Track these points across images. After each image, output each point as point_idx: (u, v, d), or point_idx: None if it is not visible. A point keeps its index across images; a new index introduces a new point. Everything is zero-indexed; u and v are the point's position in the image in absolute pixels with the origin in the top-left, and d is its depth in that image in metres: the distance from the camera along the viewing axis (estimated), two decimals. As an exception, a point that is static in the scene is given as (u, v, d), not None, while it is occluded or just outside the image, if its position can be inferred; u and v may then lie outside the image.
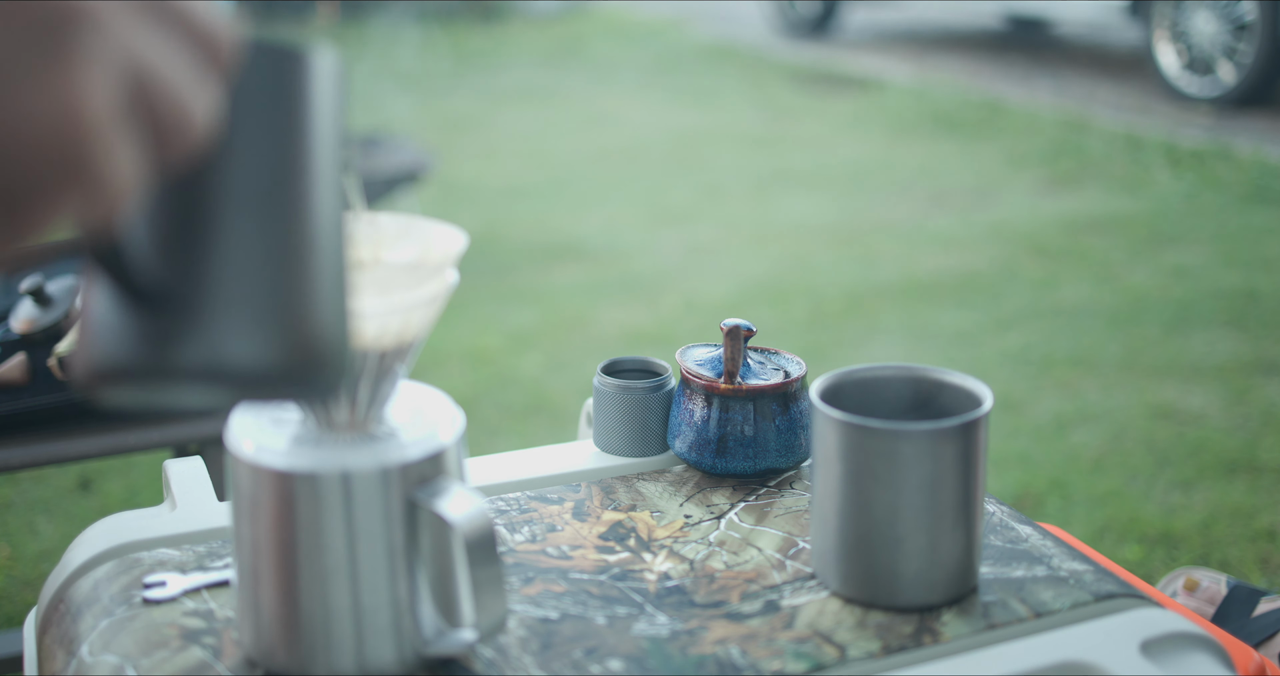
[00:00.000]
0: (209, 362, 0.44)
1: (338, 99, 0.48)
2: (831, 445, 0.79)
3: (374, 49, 8.03)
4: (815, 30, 8.07)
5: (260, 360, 0.45)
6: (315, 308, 0.46)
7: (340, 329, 0.48)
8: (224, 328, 0.44)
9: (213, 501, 0.94)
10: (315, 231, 0.46)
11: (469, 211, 4.28)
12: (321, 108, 0.47)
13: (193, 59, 0.41)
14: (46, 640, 0.83)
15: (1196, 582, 1.23)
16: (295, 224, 0.46)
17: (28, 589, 2.01)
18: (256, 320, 0.45)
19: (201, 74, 0.41)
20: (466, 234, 0.71)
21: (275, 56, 0.46)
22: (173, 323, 0.44)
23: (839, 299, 3.35)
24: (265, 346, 0.45)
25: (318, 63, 0.47)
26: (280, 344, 0.45)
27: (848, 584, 0.80)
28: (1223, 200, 4.18)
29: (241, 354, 0.44)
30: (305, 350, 0.46)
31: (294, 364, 0.46)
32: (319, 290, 0.47)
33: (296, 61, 0.46)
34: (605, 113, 6.03)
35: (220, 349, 0.44)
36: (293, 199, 0.46)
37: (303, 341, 0.46)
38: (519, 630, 0.77)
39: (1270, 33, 5.09)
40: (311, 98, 0.47)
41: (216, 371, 0.44)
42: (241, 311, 0.44)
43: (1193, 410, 2.61)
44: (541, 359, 2.99)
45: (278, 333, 0.45)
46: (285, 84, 0.46)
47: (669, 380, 0.99)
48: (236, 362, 0.44)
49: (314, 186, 0.47)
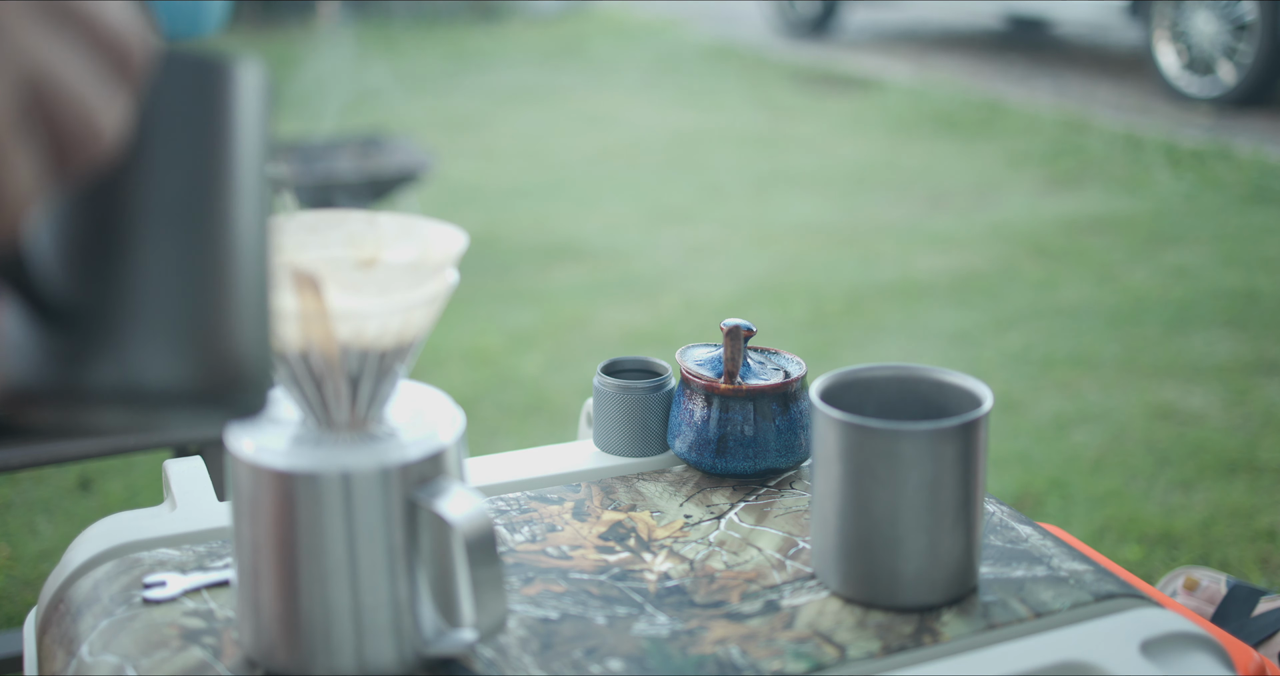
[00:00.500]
0: (121, 383, 0.42)
1: (262, 112, 0.46)
2: (831, 445, 0.79)
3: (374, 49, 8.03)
4: (815, 30, 8.07)
5: (176, 380, 0.43)
6: (234, 326, 0.44)
7: (261, 349, 0.46)
8: (137, 346, 0.42)
9: (213, 501, 0.94)
10: (235, 247, 0.45)
11: (469, 211, 4.28)
12: (244, 120, 0.45)
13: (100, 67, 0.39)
14: (46, 640, 0.83)
15: (1196, 582, 1.23)
16: (214, 239, 0.44)
17: (28, 589, 2.01)
18: (171, 339, 0.43)
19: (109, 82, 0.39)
20: (466, 234, 0.71)
21: (197, 67, 0.44)
22: (84, 341, 0.42)
23: (839, 299, 3.35)
24: (181, 366, 0.43)
25: (242, 75, 0.45)
26: (197, 363, 0.43)
27: (848, 584, 0.80)
28: (1223, 200, 4.18)
29: (156, 374, 0.42)
30: (223, 370, 0.44)
31: (211, 384, 0.44)
32: (238, 308, 0.45)
33: (219, 73, 0.45)
34: (605, 113, 6.03)
35: (133, 369, 0.42)
36: (211, 213, 0.44)
37: (220, 361, 0.44)
38: (519, 630, 0.77)
39: (1270, 33, 5.09)
40: (234, 110, 0.45)
41: (130, 392, 0.42)
42: (156, 329, 0.42)
43: (1193, 410, 2.61)
44: (541, 359, 2.99)
45: (194, 352, 0.43)
46: (207, 95, 0.44)
47: (669, 380, 0.99)
48: (151, 383, 0.42)
49: (235, 201, 0.45)
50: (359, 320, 0.66)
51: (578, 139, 5.46)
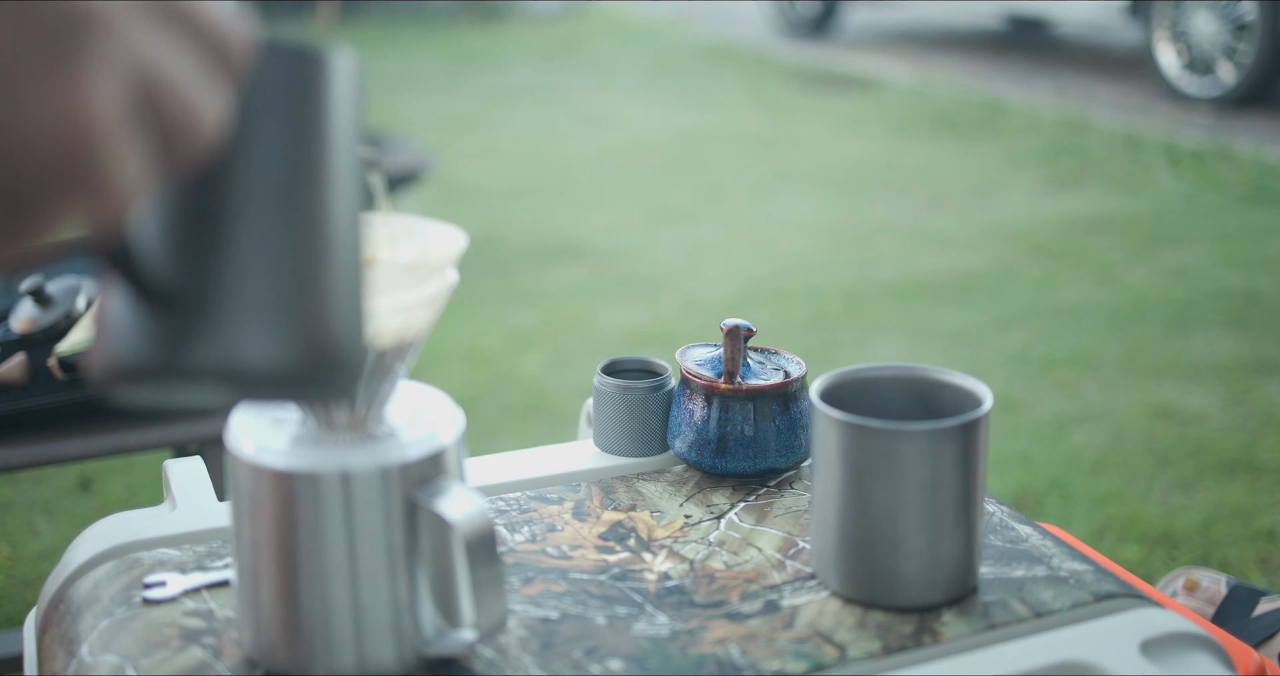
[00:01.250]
0: (224, 362, 0.44)
1: (356, 101, 0.48)
2: (831, 445, 0.79)
3: (374, 49, 8.03)
4: (815, 30, 8.08)
5: (275, 360, 0.45)
6: (331, 309, 0.46)
7: (355, 330, 0.48)
8: (239, 328, 0.44)
9: (213, 501, 0.94)
10: (332, 232, 0.46)
11: (469, 211, 4.28)
12: (339, 109, 0.47)
13: (203, 62, 0.40)
14: (46, 640, 0.83)
15: (1196, 582, 1.23)
16: (311, 225, 0.46)
17: (28, 589, 2.01)
18: (271, 320, 0.45)
19: (212, 77, 0.41)
20: (466, 234, 0.71)
21: (293, 58, 0.46)
22: (188, 322, 0.44)
23: (839, 299, 3.35)
24: (280, 347, 0.45)
25: (336, 64, 0.47)
26: (295, 345, 0.45)
27: (848, 584, 0.80)
28: (1223, 200, 4.18)
29: (256, 354, 0.44)
30: (320, 351, 0.46)
31: (309, 365, 0.46)
32: (335, 291, 0.47)
33: (315, 63, 0.46)
34: (605, 113, 6.03)
35: (235, 349, 0.44)
36: (309, 200, 0.46)
37: (318, 342, 0.46)
38: (519, 630, 0.77)
39: (1270, 33, 5.09)
40: (329, 99, 0.47)
41: (232, 371, 0.44)
42: (257, 312, 0.44)
43: (1193, 410, 2.61)
44: (541, 359, 2.99)
45: (293, 333, 0.45)
46: (303, 85, 0.46)
47: (669, 380, 0.99)
48: (251, 363, 0.44)
49: (331, 188, 0.46)
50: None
51: (578, 139, 5.46)
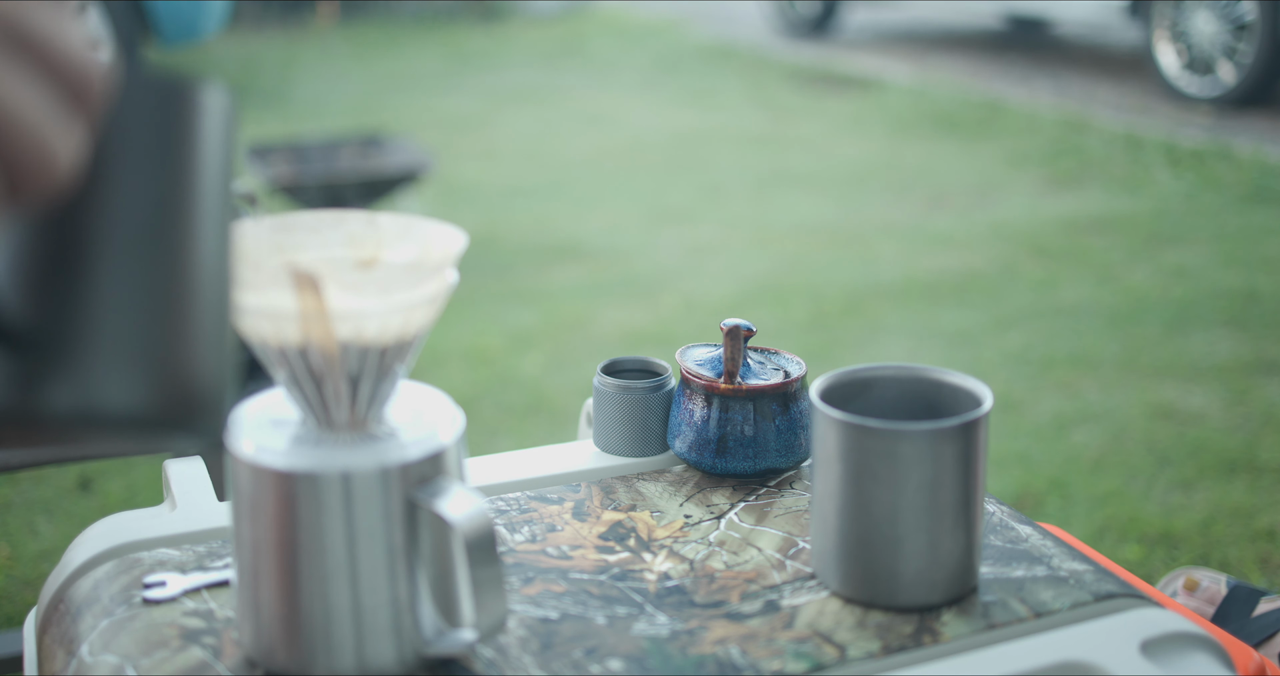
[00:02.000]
0: (79, 406, 0.42)
1: (226, 136, 0.46)
2: (831, 445, 0.79)
3: (374, 49, 8.03)
4: (815, 30, 8.07)
5: (133, 404, 0.43)
6: (193, 350, 0.44)
7: (220, 373, 0.46)
8: (95, 370, 0.42)
9: (213, 501, 0.94)
10: (196, 271, 0.45)
11: (469, 211, 4.28)
12: (208, 145, 0.45)
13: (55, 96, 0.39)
14: (46, 640, 0.83)
15: (1196, 582, 1.23)
16: (174, 263, 0.44)
17: (28, 589, 2.01)
18: (130, 362, 0.43)
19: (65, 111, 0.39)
20: (466, 234, 0.71)
21: (160, 90, 0.44)
22: (42, 364, 0.42)
23: (839, 299, 3.35)
24: (139, 389, 0.43)
25: (206, 99, 0.45)
26: (154, 387, 0.43)
27: (848, 584, 0.80)
28: (1223, 200, 4.18)
29: (113, 397, 0.42)
30: (181, 394, 0.44)
31: (169, 408, 0.44)
32: (197, 331, 0.45)
33: (183, 97, 0.44)
34: (605, 113, 6.03)
35: (91, 392, 0.42)
36: (172, 237, 0.44)
37: (178, 385, 0.44)
38: (519, 630, 0.77)
39: (1270, 33, 5.09)
40: (197, 134, 0.45)
41: (87, 415, 0.42)
42: (114, 353, 0.42)
43: (1193, 410, 2.60)
44: (541, 359, 2.99)
45: (152, 375, 0.43)
46: (169, 119, 0.44)
47: (669, 380, 0.99)
48: (108, 406, 0.42)
49: (197, 225, 0.45)
50: (359, 320, 0.66)
51: (578, 139, 5.46)
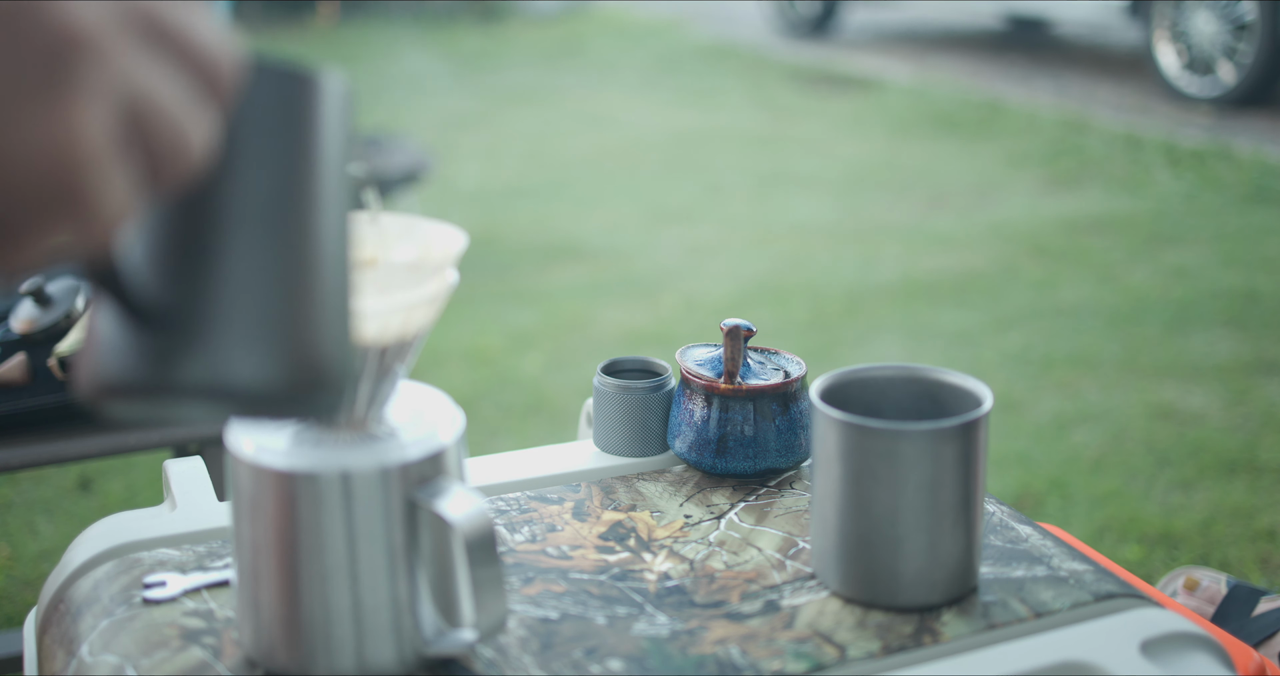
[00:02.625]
0: (211, 381, 0.44)
1: (345, 121, 0.48)
2: (831, 445, 0.79)
3: (374, 49, 8.03)
4: (815, 30, 8.07)
5: (262, 379, 0.45)
6: (318, 328, 0.47)
7: (343, 349, 0.48)
8: (226, 346, 0.44)
9: (213, 501, 0.94)
10: (320, 252, 0.47)
11: (469, 211, 4.27)
12: (328, 130, 0.47)
13: (191, 85, 0.40)
14: (46, 640, 0.83)
15: (1196, 582, 1.23)
16: (299, 244, 0.46)
17: (28, 589, 2.01)
18: (259, 339, 0.45)
19: (200, 100, 0.41)
20: (466, 234, 0.71)
21: (283, 79, 0.46)
22: (176, 340, 0.44)
23: (839, 299, 3.35)
24: (267, 365, 0.45)
25: (326, 85, 0.47)
26: (282, 363, 0.45)
27: (848, 584, 0.80)
28: (1223, 200, 4.18)
29: (244, 373, 0.45)
30: (307, 370, 0.46)
31: (296, 384, 0.46)
32: (322, 310, 0.47)
33: (304, 84, 0.46)
34: (605, 113, 6.03)
35: (222, 367, 0.44)
36: (297, 220, 0.46)
37: (305, 361, 0.46)
38: (519, 630, 0.77)
39: (1270, 33, 5.09)
40: (318, 120, 0.47)
41: (218, 390, 0.44)
42: (244, 330, 0.45)
43: (1193, 410, 2.60)
44: (541, 359, 2.99)
45: (280, 352, 0.45)
46: (292, 106, 0.46)
47: (669, 380, 0.99)
48: (238, 381, 0.45)
49: (319, 208, 0.47)
50: (359, 320, 0.66)
51: (578, 139, 5.46)
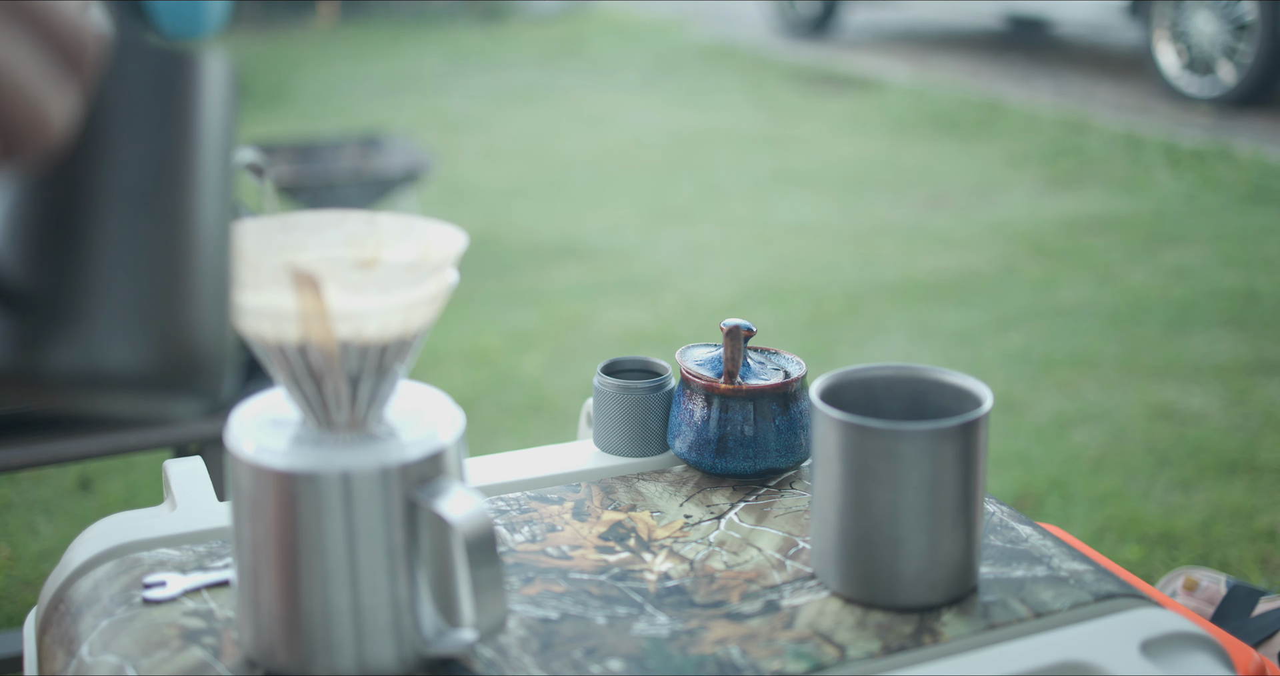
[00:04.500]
0: (82, 367, 0.42)
1: (228, 104, 0.47)
2: (831, 445, 0.79)
3: (374, 49, 8.03)
4: (815, 30, 8.07)
5: (135, 364, 0.43)
6: (193, 311, 0.45)
7: (220, 335, 0.46)
8: (95, 331, 0.43)
9: (213, 501, 0.94)
10: (195, 235, 0.45)
11: (469, 211, 4.27)
12: (208, 112, 0.46)
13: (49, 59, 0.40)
14: (46, 640, 0.83)
15: (1196, 582, 1.23)
16: (173, 225, 0.45)
17: (28, 589, 2.01)
18: (130, 323, 0.43)
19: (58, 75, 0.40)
20: (466, 234, 0.71)
21: (161, 58, 0.45)
22: (43, 325, 0.42)
23: (839, 299, 3.35)
24: (140, 350, 0.43)
25: (207, 66, 0.46)
26: (155, 347, 0.44)
27: (848, 584, 0.80)
28: (1223, 200, 4.18)
29: (114, 358, 0.43)
30: (182, 354, 0.45)
31: (170, 368, 0.44)
32: (197, 294, 0.45)
33: (183, 64, 0.45)
34: (605, 113, 6.03)
35: (92, 352, 0.43)
36: (171, 200, 0.45)
37: (179, 345, 0.44)
38: (519, 630, 0.77)
39: (1270, 33, 5.09)
40: (197, 101, 0.46)
41: (89, 376, 0.43)
42: (114, 314, 0.43)
43: (1193, 410, 2.60)
44: (541, 359, 2.99)
45: (153, 336, 0.44)
46: (170, 86, 0.45)
47: (669, 380, 0.99)
48: (110, 367, 0.43)
49: (196, 188, 0.45)
50: (359, 320, 0.66)
51: (578, 139, 5.46)
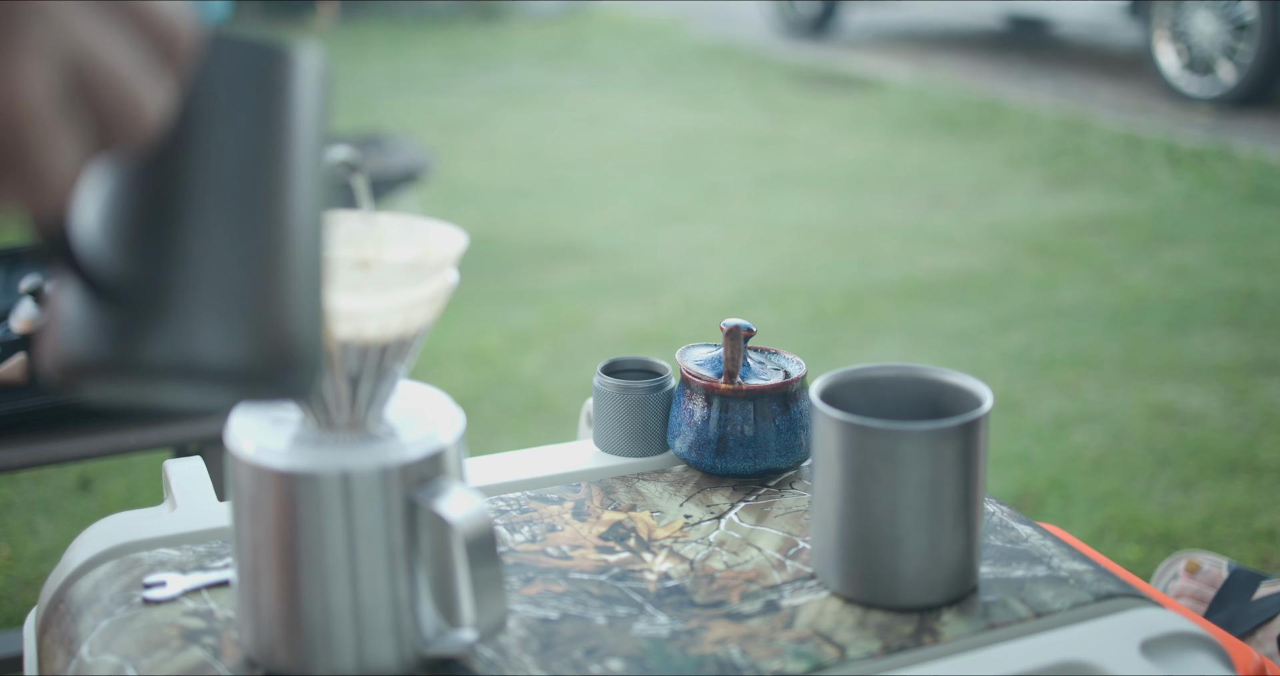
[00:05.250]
0: (179, 359, 0.43)
1: (320, 97, 0.47)
2: (831, 445, 0.79)
3: (374, 49, 8.03)
4: (815, 30, 8.07)
5: (232, 357, 0.44)
6: (289, 305, 0.45)
7: (315, 328, 0.47)
8: (195, 323, 0.43)
9: (213, 501, 0.94)
10: (291, 228, 0.45)
11: (469, 211, 4.27)
12: (303, 104, 0.46)
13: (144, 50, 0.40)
14: (46, 640, 0.83)
15: (1198, 566, 1.23)
16: (270, 219, 0.45)
17: (28, 589, 2.01)
18: (228, 316, 0.43)
19: (154, 66, 0.40)
20: (466, 234, 0.71)
21: (257, 52, 0.45)
22: (141, 317, 0.43)
23: (839, 299, 3.35)
24: (237, 343, 0.44)
25: (301, 60, 0.46)
26: (253, 341, 0.44)
27: (848, 584, 0.80)
28: (1223, 200, 4.18)
29: (212, 350, 0.43)
30: (278, 348, 0.45)
31: (266, 361, 0.44)
32: (293, 287, 0.45)
33: (279, 58, 0.46)
34: (605, 113, 6.03)
35: (191, 345, 0.43)
36: (268, 194, 0.45)
37: (276, 339, 0.45)
38: (519, 630, 0.77)
39: (1270, 33, 5.09)
40: (292, 94, 0.46)
41: (187, 368, 0.43)
42: (212, 307, 0.43)
43: (1193, 410, 2.60)
44: (541, 359, 2.99)
45: (250, 329, 0.44)
46: (266, 80, 0.45)
47: (669, 380, 0.99)
48: (207, 359, 0.43)
49: (291, 182, 0.46)
50: (359, 319, 0.66)
51: (578, 139, 5.46)
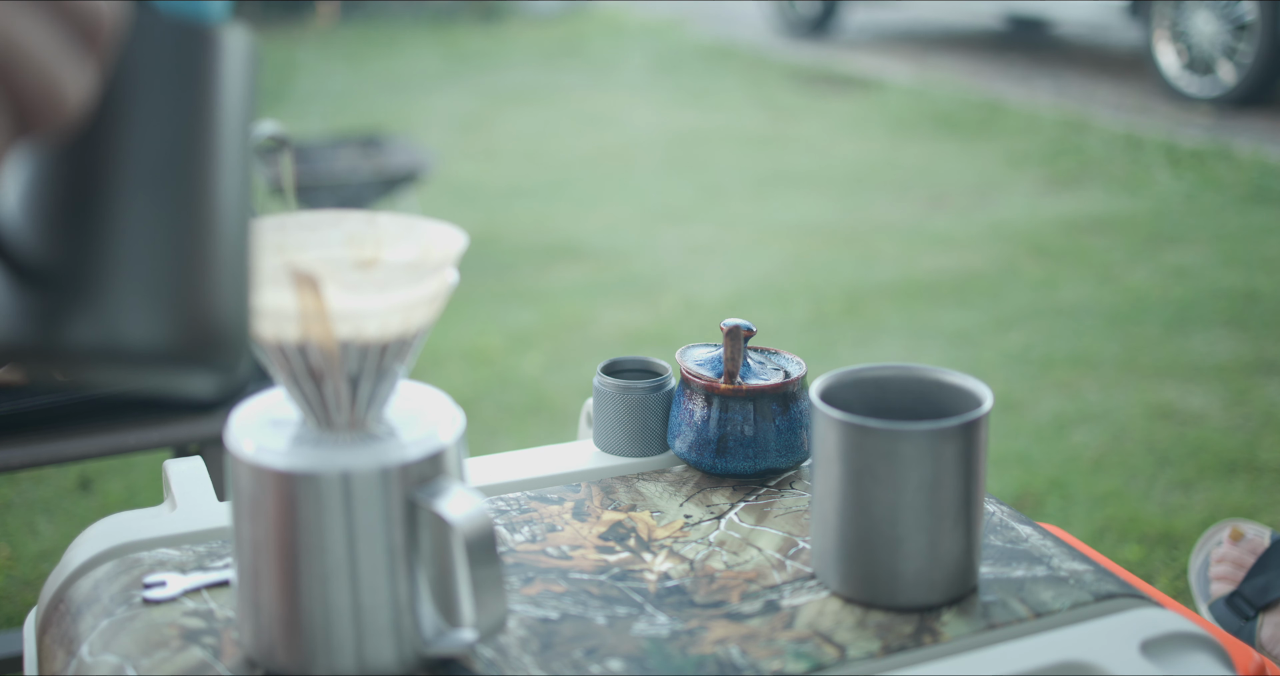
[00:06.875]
0: (102, 342, 0.42)
1: (247, 78, 0.47)
2: (831, 445, 0.79)
3: (374, 49, 8.03)
4: (815, 30, 8.07)
5: (155, 339, 0.43)
6: (213, 286, 0.45)
7: (240, 309, 0.46)
8: (117, 306, 0.42)
9: (213, 501, 0.94)
10: (216, 208, 0.45)
11: (469, 211, 4.27)
12: (228, 85, 0.46)
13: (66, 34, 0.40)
14: (46, 640, 0.83)
15: (1241, 534, 1.25)
16: (193, 199, 0.44)
17: (28, 589, 2.01)
18: (151, 298, 0.43)
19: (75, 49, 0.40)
20: (466, 234, 0.71)
21: (179, 32, 0.45)
22: (66, 301, 0.42)
23: (839, 299, 3.34)
24: (160, 325, 0.43)
25: (226, 40, 0.46)
26: (175, 323, 0.43)
27: (848, 584, 0.80)
28: (1223, 200, 4.18)
29: (135, 333, 0.43)
30: (202, 329, 0.44)
31: (189, 343, 0.44)
32: (217, 268, 0.45)
33: (205, 38, 0.45)
34: (605, 113, 6.03)
35: (113, 328, 0.42)
36: (191, 174, 0.44)
37: (199, 320, 0.44)
38: (519, 630, 0.77)
39: (1270, 33, 5.09)
40: (218, 75, 0.45)
41: (110, 351, 0.43)
42: (136, 289, 0.43)
43: (1193, 410, 2.60)
44: (541, 359, 2.99)
45: (173, 311, 0.43)
46: (188, 59, 0.45)
47: (669, 380, 0.99)
48: (130, 342, 0.43)
49: (216, 162, 0.45)
50: (359, 319, 0.66)
51: (578, 139, 5.46)
